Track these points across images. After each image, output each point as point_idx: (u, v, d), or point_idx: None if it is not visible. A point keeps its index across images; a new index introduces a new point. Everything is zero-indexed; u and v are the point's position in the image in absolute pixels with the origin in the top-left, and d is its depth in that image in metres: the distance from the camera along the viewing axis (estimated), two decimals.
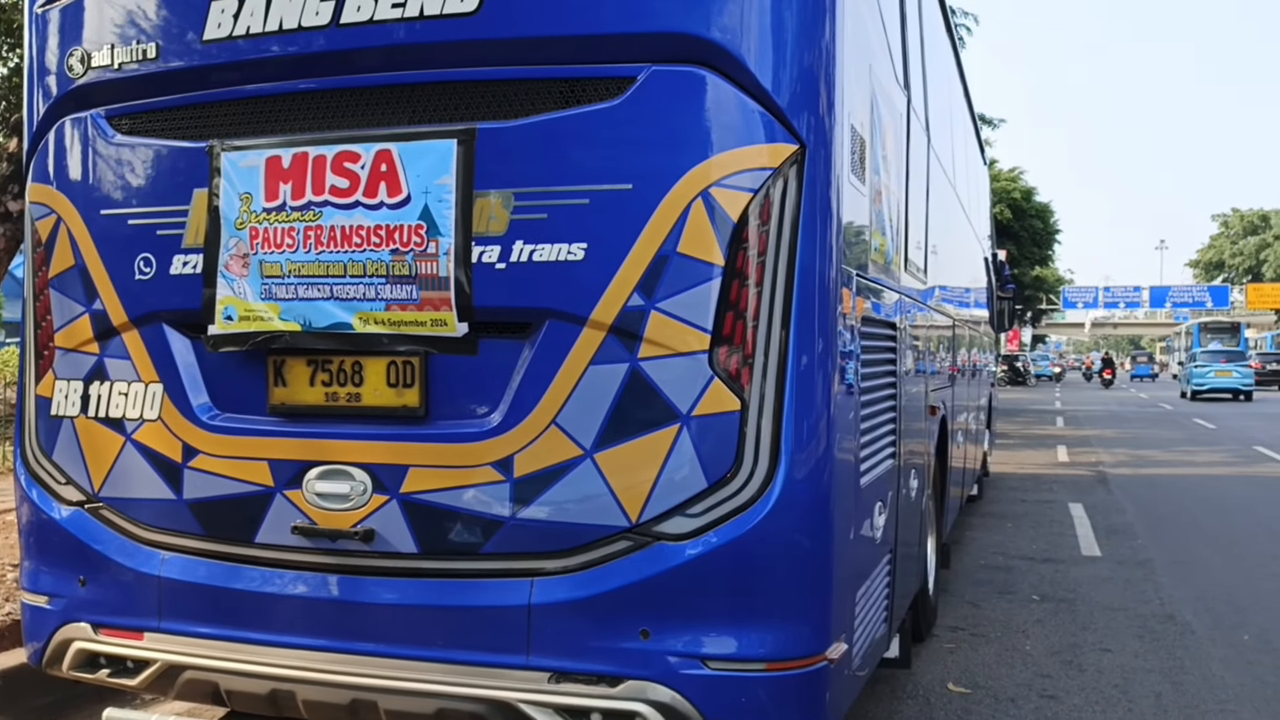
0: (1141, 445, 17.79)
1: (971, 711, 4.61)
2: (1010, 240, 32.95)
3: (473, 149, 3.02)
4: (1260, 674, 5.15)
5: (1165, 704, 4.72)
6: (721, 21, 2.93)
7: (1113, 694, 4.85)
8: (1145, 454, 16.29)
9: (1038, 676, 5.10)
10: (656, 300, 2.92)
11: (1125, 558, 8.04)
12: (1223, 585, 7.11)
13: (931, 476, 5.58)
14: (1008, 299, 12.98)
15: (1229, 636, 5.81)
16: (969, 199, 8.42)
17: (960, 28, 21.08)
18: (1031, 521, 9.74)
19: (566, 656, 2.99)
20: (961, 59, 8.39)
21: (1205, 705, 4.70)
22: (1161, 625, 6.06)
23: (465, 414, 3.12)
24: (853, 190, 3.21)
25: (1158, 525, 9.56)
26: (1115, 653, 5.50)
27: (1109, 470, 14.05)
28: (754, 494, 2.90)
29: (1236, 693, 4.87)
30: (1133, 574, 7.45)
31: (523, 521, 3.03)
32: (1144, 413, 27.95)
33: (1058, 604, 6.55)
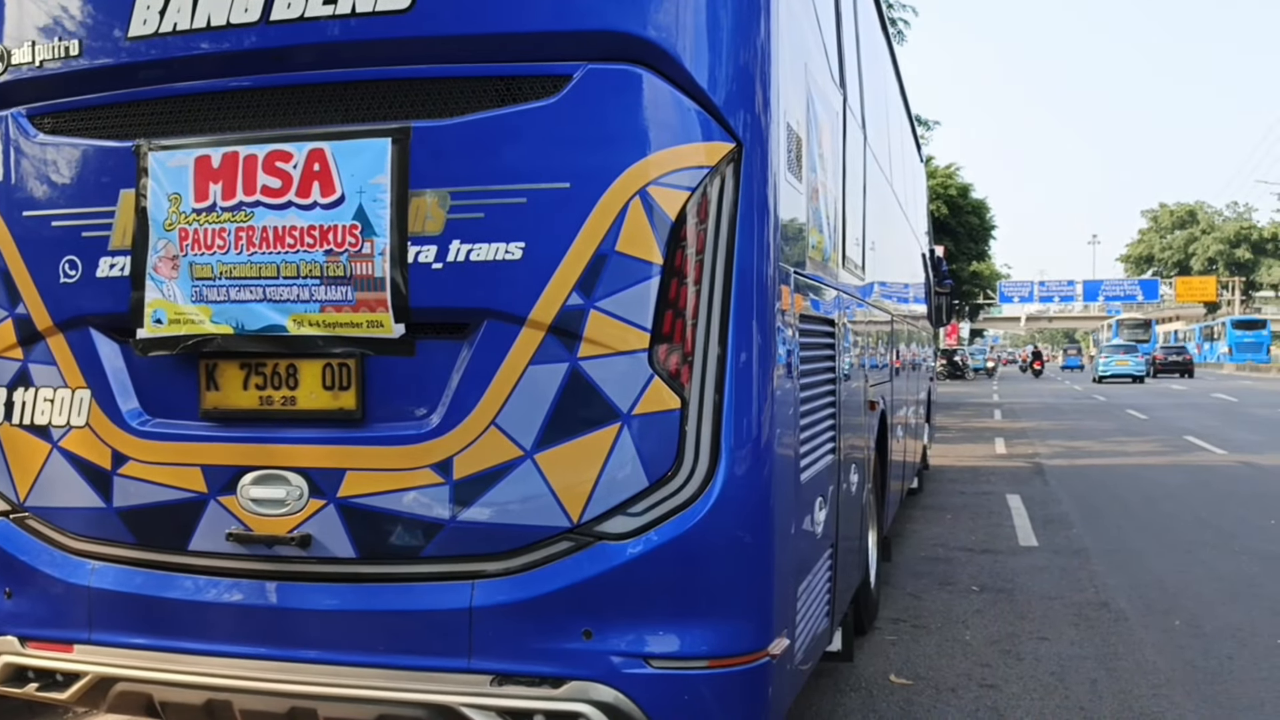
0: (1076, 436, 18.18)
1: (913, 702, 4.67)
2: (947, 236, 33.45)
3: (407, 148, 2.99)
4: (1190, 658, 5.28)
5: (1100, 690, 4.82)
6: (657, 20, 2.93)
7: (1050, 681, 4.94)
8: (1080, 445, 16.65)
9: (977, 666, 5.18)
10: (595, 299, 2.91)
11: (1061, 547, 8.20)
12: (1154, 572, 7.28)
13: (872, 471, 5.64)
14: (945, 294, 13.17)
15: (1161, 622, 5.96)
16: (906, 196, 8.52)
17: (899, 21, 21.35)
18: (970, 513, 9.91)
19: (509, 659, 2.97)
20: (897, 58, 8.50)
21: (1138, 690, 4.81)
22: (1096, 613, 6.19)
23: (403, 416, 3.08)
24: (789, 188, 3.23)
25: (1092, 515, 9.78)
26: (1052, 641, 5.60)
27: (1045, 462, 14.34)
28: (695, 492, 2.90)
29: (1168, 677, 4.99)
30: (1068, 563, 7.60)
31: (463, 524, 3.00)
32: (1079, 404, 28.55)
33: (996, 594, 6.67)
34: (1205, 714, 4.51)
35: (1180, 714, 4.51)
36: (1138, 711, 4.54)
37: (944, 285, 12.95)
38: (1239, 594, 6.64)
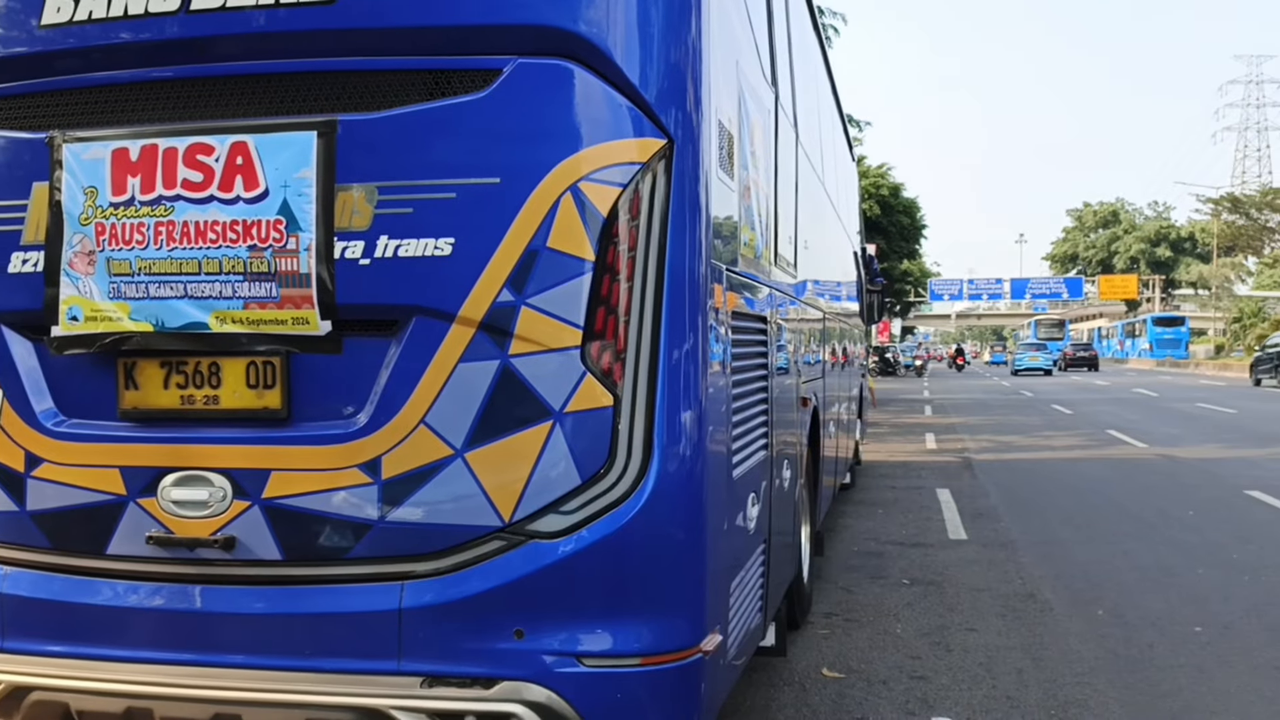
0: (1004, 431, 18.55)
1: (845, 695, 4.72)
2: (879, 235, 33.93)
3: (333, 141, 2.93)
4: (1113, 647, 5.41)
5: (1026, 679, 4.92)
6: (588, 15, 2.91)
7: (978, 672, 5.03)
8: (1008, 439, 16.99)
9: (908, 658, 5.25)
10: (527, 296, 2.88)
11: (989, 540, 8.36)
12: (1079, 563, 7.45)
13: (805, 466, 5.68)
14: (877, 292, 13.34)
15: (1085, 612, 6.10)
16: (838, 195, 8.61)
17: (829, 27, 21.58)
18: (902, 508, 10.05)
19: (439, 660, 2.93)
20: (829, 58, 8.58)
21: (1063, 679, 4.92)
22: (1023, 604, 6.31)
23: (330, 415, 3.03)
24: (721, 185, 3.24)
25: (1019, 508, 9.98)
26: (980, 632, 5.70)
27: (974, 456, 14.60)
28: (627, 489, 2.89)
29: (1092, 665, 5.11)
30: (996, 555, 7.75)
31: (392, 524, 2.96)
32: (1007, 400, 29.13)
33: (926, 587, 6.77)
34: (1127, 701, 4.62)
35: (1103, 702, 4.61)
36: (1062, 700, 4.64)
37: (876, 283, 13.12)
38: (1159, 583, 6.82)
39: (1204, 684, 4.83)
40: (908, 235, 39.17)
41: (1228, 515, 9.40)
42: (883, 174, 36.13)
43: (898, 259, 39.13)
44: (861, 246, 12.57)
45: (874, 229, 32.69)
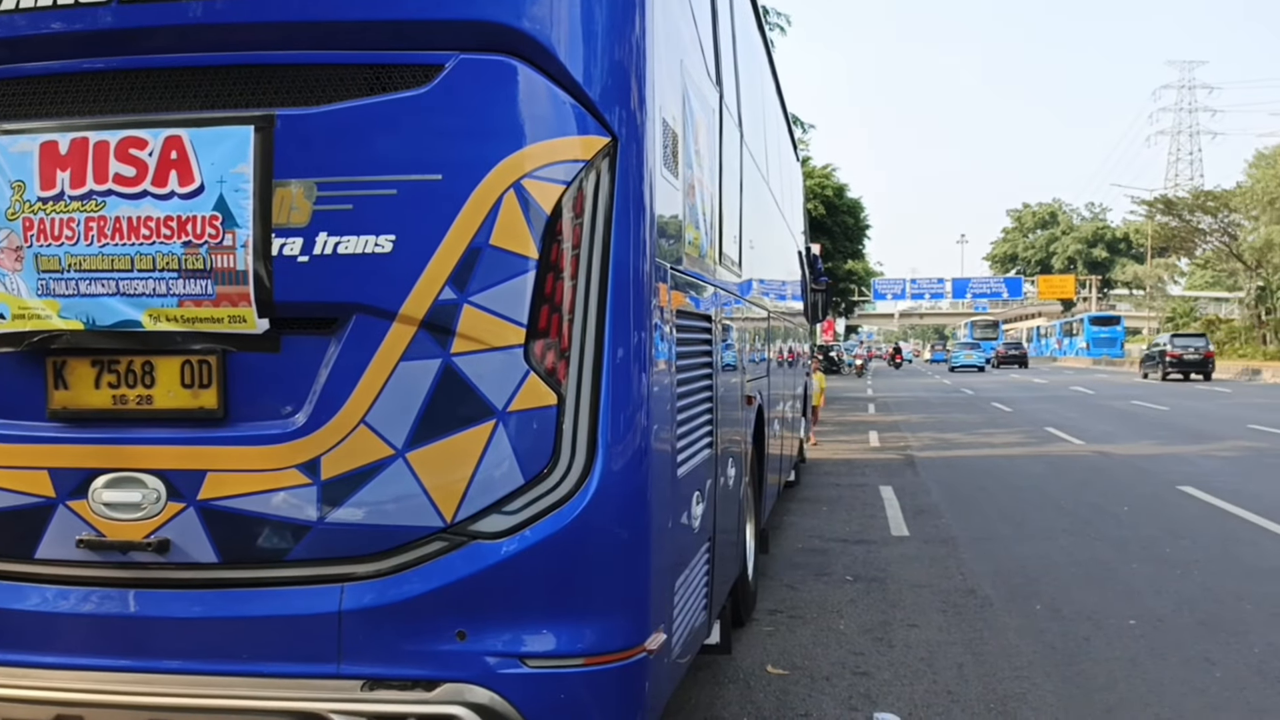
0: (946, 429, 18.82)
1: (789, 692, 4.75)
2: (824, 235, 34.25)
3: (271, 136, 2.88)
4: (1050, 641, 5.51)
5: (967, 674, 4.98)
6: (531, 12, 2.89)
7: (919, 667, 5.09)
8: (949, 437, 17.24)
9: (851, 654, 5.30)
10: (469, 294, 2.86)
11: (931, 536, 8.47)
12: (1017, 559, 7.58)
13: (749, 465, 5.71)
14: (821, 291, 13.44)
15: (1023, 607, 6.20)
16: (782, 194, 8.66)
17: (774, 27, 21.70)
18: (845, 505, 10.14)
19: (380, 663, 2.89)
20: (774, 59, 8.62)
21: (1002, 673, 4.99)
22: (963, 599, 6.40)
23: (268, 415, 2.97)
24: (666, 184, 3.23)
25: (960, 505, 10.12)
26: (922, 628, 5.77)
27: (916, 454, 14.79)
28: (571, 488, 2.88)
29: (1030, 659, 5.20)
30: (937, 552, 7.85)
31: (331, 525, 2.91)
32: (948, 398, 29.56)
33: (869, 583, 6.83)
34: (1063, 694, 4.71)
35: (1040, 695, 4.69)
36: (1001, 694, 4.71)
37: (820, 282, 13.22)
38: (1095, 578, 6.96)
39: (1138, 676, 4.94)
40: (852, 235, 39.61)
41: (1160, 510, 9.62)
42: (827, 175, 36.48)
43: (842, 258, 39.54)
44: (806, 246, 12.67)
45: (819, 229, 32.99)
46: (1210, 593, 6.52)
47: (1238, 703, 4.58)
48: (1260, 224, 49.11)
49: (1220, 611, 6.07)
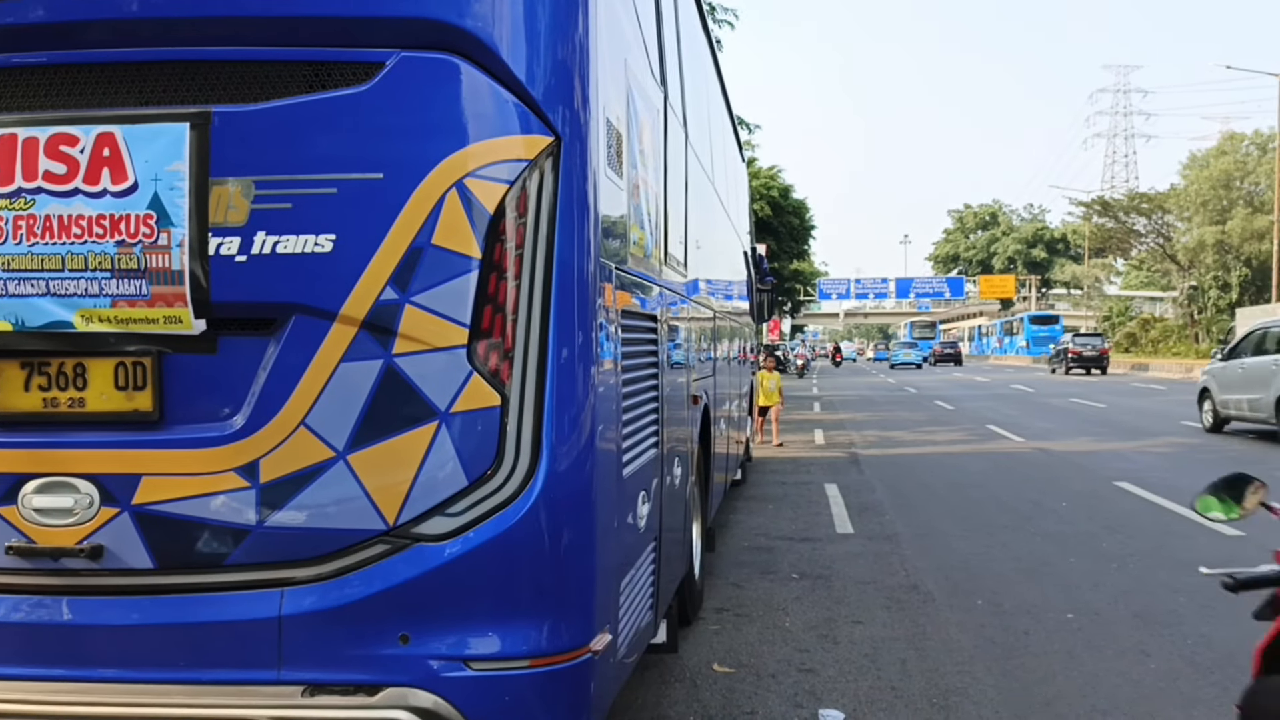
0: (889, 427, 19.04)
1: (735, 690, 4.77)
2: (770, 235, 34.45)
3: (207, 133, 2.82)
4: (991, 635, 5.59)
5: (910, 669, 5.04)
6: (474, 10, 2.87)
7: (864, 663, 5.14)
8: (893, 435, 17.44)
9: (796, 651, 5.33)
10: (411, 294, 2.83)
11: (875, 533, 8.56)
12: (959, 555, 7.69)
13: (695, 464, 5.73)
14: (767, 291, 13.54)
15: (965, 602, 6.29)
16: (728, 195, 8.69)
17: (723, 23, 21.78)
18: (791, 503, 10.22)
19: (321, 668, 2.85)
20: (719, 60, 8.66)
21: (945, 668, 5.06)
22: (906, 595, 6.48)
23: (205, 417, 2.92)
24: (610, 184, 3.23)
25: (903, 501, 10.25)
26: (866, 624, 5.83)
27: (860, 451, 14.94)
28: (515, 490, 2.86)
29: (971, 654, 5.27)
30: (881, 549, 7.94)
31: (271, 529, 2.87)
32: (892, 397, 29.91)
33: (814, 581, 6.89)
34: (1003, 687, 4.78)
35: (981, 689, 4.76)
36: (944, 688, 4.77)
37: (766, 282, 13.32)
38: (1034, 572, 7.08)
39: (1075, 669, 5.03)
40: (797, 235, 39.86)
41: (1098, 506, 9.82)
42: (773, 175, 36.69)
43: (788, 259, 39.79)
44: (752, 246, 12.74)
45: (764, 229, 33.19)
46: (1145, 586, 6.67)
47: (1171, 693, 4.69)
48: (1193, 225, 50.37)
49: (1154, 604, 6.21)
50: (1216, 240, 48.11)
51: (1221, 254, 48.73)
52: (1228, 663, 5.07)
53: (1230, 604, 6.12)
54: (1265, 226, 44.54)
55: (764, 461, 13.63)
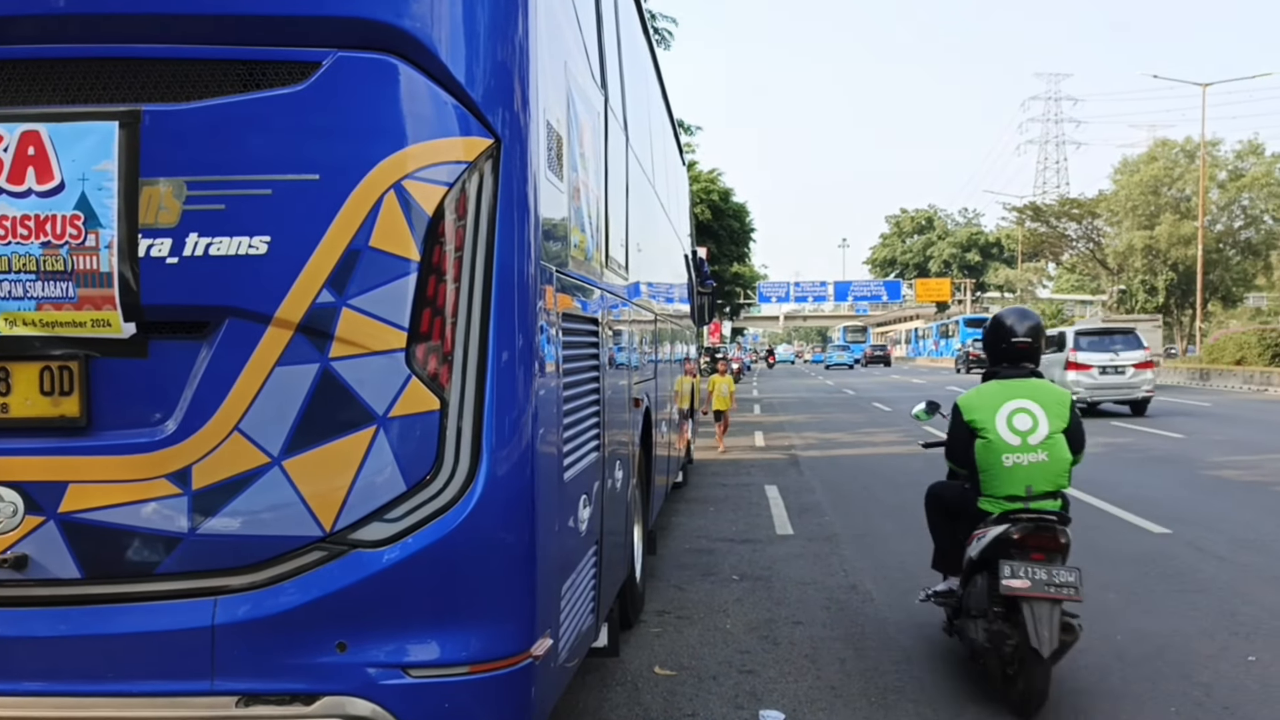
0: (829, 429, 19.23)
1: (677, 692, 4.78)
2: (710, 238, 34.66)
3: (137, 132, 2.76)
4: (929, 635, 5.67)
5: (849, 669, 5.09)
6: (412, 10, 2.84)
7: (804, 664, 5.18)
8: (832, 436, 17.62)
9: (737, 653, 5.36)
10: (348, 297, 2.79)
11: (814, 534, 8.64)
12: (897, 554, 7.78)
13: (637, 467, 5.73)
14: (708, 294, 13.61)
15: (903, 602, 6.37)
16: (669, 198, 8.72)
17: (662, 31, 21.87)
18: (732, 505, 10.28)
19: (256, 677, 2.80)
20: (660, 64, 8.68)
21: (883, 667, 5.12)
22: (846, 595, 6.55)
23: (135, 423, 2.85)
24: (550, 187, 3.22)
25: (842, 502, 10.36)
26: (806, 624, 5.88)
27: (800, 453, 15.08)
28: (455, 494, 2.84)
29: (909, 653, 5.34)
30: (821, 549, 8.02)
31: (203, 537, 2.81)
32: (831, 399, 30.23)
33: (755, 582, 6.93)
34: (941, 685, 4.85)
35: (920, 687, 4.82)
36: (882, 687, 4.82)
37: (706, 285, 13.38)
38: None
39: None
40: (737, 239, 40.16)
41: None
42: (713, 179, 36.91)
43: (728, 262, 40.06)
44: (692, 249, 12.79)
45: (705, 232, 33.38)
46: None
47: (1101, 687, 4.79)
48: (1123, 230, 51.66)
49: (1086, 600, 6.32)
50: (1145, 245, 49.41)
51: (1149, 258, 50.06)
52: (1156, 656, 5.20)
53: (1156, 599, 6.29)
54: (1191, 232, 45.88)
55: (705, 464, 13.69)
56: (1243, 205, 48.43)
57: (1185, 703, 4.58)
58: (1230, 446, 14.87)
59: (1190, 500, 10.14)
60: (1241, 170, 48.15)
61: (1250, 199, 47.97)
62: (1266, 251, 49.20)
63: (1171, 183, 49.84)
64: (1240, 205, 48.48)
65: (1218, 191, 48.29)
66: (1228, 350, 38.14)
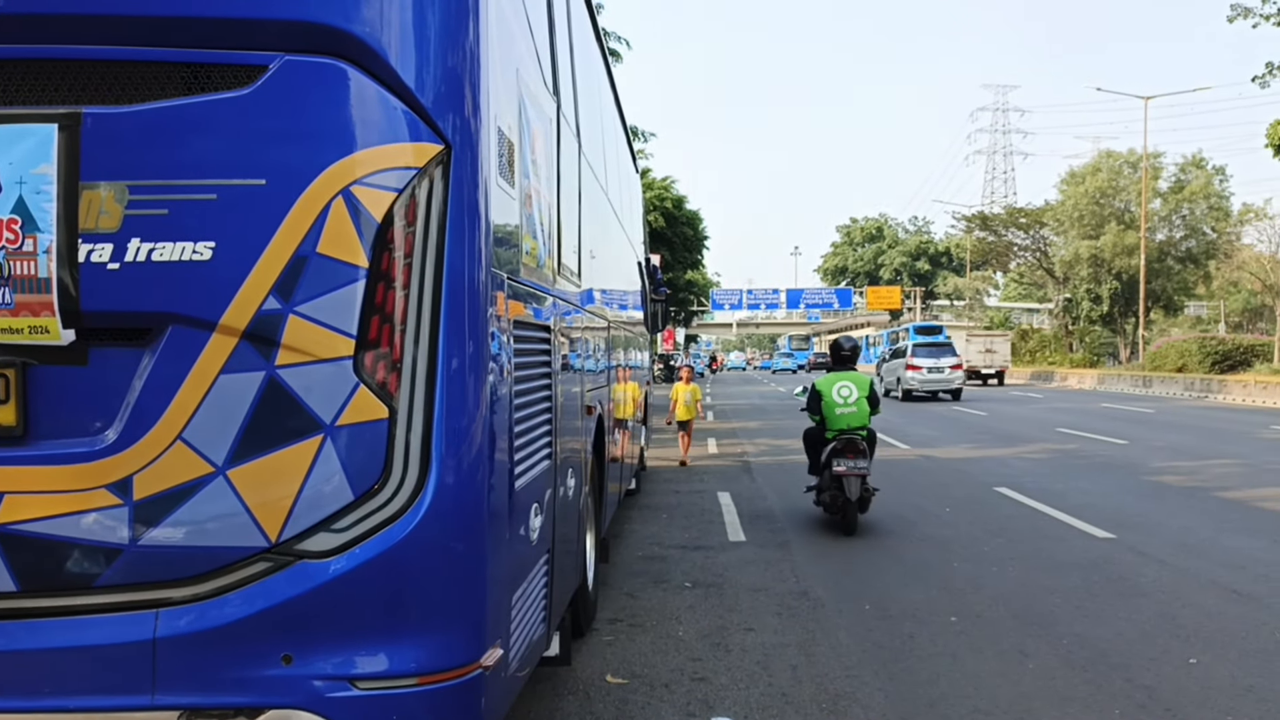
0: (780, 435, 19.32)
1: (629, 701, 4.77)
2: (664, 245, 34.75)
3: (77, 135, 2.70)
4: (878, 639, 5.72)
5: (800, 675, 5.12)
6: (362, 15, 2.81)
7: (755, 670, 5.19)
8: (783, 443, 17.70)
9: (689, 660, 5.36)
10: (295, 303, 2.75)
11: (766, 541, 8.67)
12: (847, 561, 7.84)
13: (590, 474, 5.71)
14: (661, 301, 13.63)
15: (853, 607, 6.42)
16: (622, 205, 8.72)
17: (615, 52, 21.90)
18: (684, 512, 10.29)
19: (199, 692, 2.75)
20: (613, 72, 8.69)
21: (833, 673, 5.15)
22: (797, 602, 6.58)
23: (74, 432, 2.78)
24: (501, 193, 3.20)
25: (794, 509, 10.41)
26: (758, 631, 5.90)
27: (753, 460, 15.14)
28: (404, 504, 2.81)
29: (859, 658, 5.38)
30: (772, 556, 8.05)
31: (145, 548, 2.75)
32: (783, 405, 30.37)
33: (707, 589, 6.94)
34: (889, 690, 4.89)
35: (869, 693, 4.86)
36: (833, 693, 4.85)
37: (660, 292, 13.41)
38: (919, 576, 7.27)
39: (958, 670, 5.18)
40: (691, 246, 40.31)
41: (979, 511, 10.14)
42: (667, 186, 37.02)
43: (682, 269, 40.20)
44: (646, 256, 12.81)
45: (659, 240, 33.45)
46: (1024, 587, 6.91)
47: (1048, 691, 4.86)
48: (1069, 239, 52.57)
49: (1033, 605, 6.43)
50: (1090, 254, 50.32)
51: (1095, 267, 50.98)
52: (1100, 660, 5.28)
53: (1101, 604, 6.40)
54: (1135, 242, 46.83)
55: (658, 470, 13.69)
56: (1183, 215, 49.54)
57: (1129, 705, 4.66)
58: (1170, 453, 15.18)
59: (1133, 506, 10.33)
60: (1184, 181, 49.24)
61: (1189, 210, 49.09)
62: (1205, 261, 50.36)
63: (1115, 193, 50.83)
64: (1181, 216, 49.59)
65: (1159, 202, 49.35)
66: (1170, 358, 39.04)
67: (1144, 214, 42.84)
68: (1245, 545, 8.27)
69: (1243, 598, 6.59)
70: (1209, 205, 48.77)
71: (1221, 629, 5.87)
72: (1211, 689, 4.87)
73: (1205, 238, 49.91)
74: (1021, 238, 58.94)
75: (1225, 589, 6.80)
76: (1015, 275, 70.90)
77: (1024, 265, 62.31)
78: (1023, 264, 62.20)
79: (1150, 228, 46.57)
